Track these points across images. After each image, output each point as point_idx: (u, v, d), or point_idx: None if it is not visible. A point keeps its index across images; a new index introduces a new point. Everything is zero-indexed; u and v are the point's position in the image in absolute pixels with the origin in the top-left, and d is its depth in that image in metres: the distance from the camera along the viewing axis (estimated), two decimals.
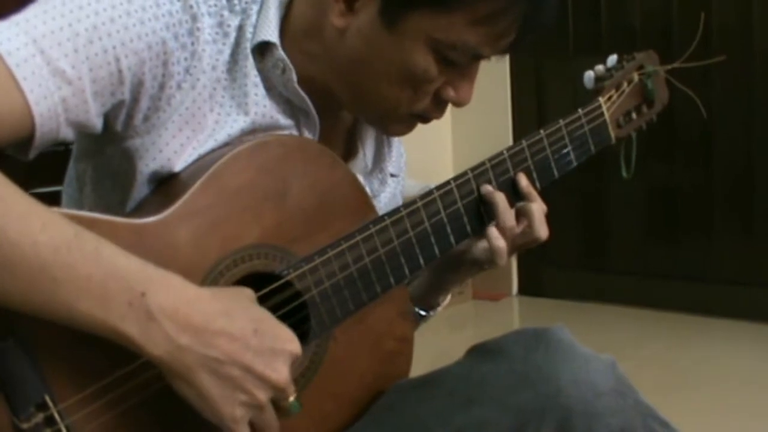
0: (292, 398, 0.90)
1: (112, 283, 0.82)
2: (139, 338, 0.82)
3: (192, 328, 0.83)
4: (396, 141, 1.18)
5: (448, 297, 1.21)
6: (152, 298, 0.82)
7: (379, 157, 1.14)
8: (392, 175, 1.17)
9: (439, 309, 1.21)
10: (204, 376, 0.84)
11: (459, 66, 1.00)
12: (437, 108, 1.04)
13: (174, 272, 0.86)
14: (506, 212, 1.07)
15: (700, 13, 2.80)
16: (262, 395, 0.87)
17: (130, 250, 0.84)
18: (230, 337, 0.85)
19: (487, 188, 1.08)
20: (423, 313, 1.19)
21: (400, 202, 1.22)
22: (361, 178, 1.11)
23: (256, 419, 0.88)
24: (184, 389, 0.85)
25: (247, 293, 0.91)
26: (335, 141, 1.11)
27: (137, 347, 0.82)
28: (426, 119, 1.05)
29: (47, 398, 0.84)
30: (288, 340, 0.89)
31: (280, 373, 0.87)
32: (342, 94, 1.04)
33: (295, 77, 1.00)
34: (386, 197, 1.17)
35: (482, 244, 1.10)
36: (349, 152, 1.13)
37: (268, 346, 0.87)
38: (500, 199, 1.07)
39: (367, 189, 1.11)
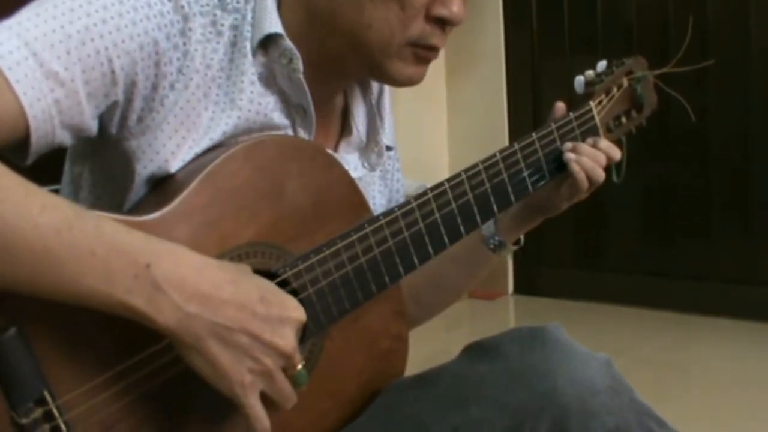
0: (299, 366, 0.91)
1: (115, 257, 0.82)
2: (147, 309, 0.82)
3: (200, 296, 0.84)
4: (387, 113, 1.19)
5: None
6: (157, 269, 0.83)
7: (372, 131, 1.15)
8: (388, 148, 1.18)
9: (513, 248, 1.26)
10: (213, 344, 0.85)
11: None
12: (434, 31, 1.02)
13: None
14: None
15: (696, 14, 2.81)
16: (270, 362, 0.88)
17: None
18: (238, 304, 0.86)
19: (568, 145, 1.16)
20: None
21: (401, 178, 1.24)
22: (357, 154, 1.13)
23: (268, 389, 0.89)
24: (194, 358, 0.86)
25: (248, 268, 0.92)
26: (331, 127, 1.12)
27: (146, 319, 0.83)
28: (429, 48, 1.03)
29: (46, 393, 0.84)
30: (294, 308, 0.90)
31: (288, 339, 0.88)
32: (342, 54, 1.03)
33: (301, 67, 1.00)
34: (383, 170, 1.19)
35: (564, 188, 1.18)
36: (344, 132, 1.14)
37: (275, 313, 0.88)
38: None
39: (365, 163, 1.13)
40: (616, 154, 1.19)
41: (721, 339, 2.95)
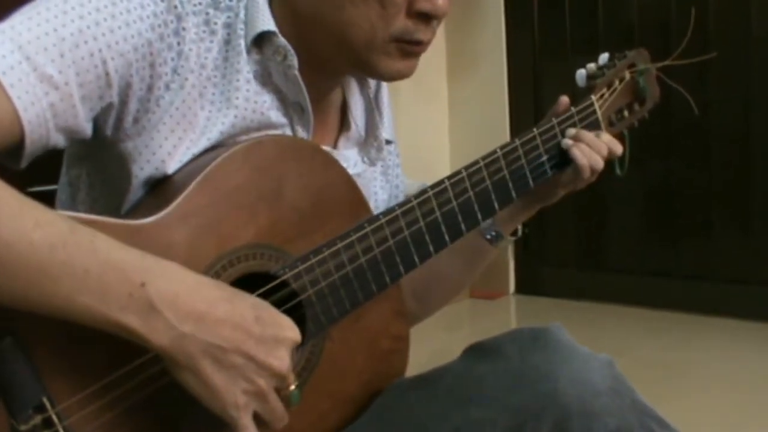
0: (293, 387, 0.90)
1: (110, 275, 0.81)
2: (141, 329, 0.82)
3: (194, 315, 0.83)
4: (386, 107, 1.18)
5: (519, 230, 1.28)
6: (152, 288, 0.82)
7: (371, 125, 1.14)
8: (388, 142, 1.18)
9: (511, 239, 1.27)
10: (207, 364, 0.84)
11: None
12: (418, 26, 1.00)
13: None
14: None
15: (697, 8, 2.80)
16: (264, 383, 0.87)
17: None
18: (233, 324, 0.85)
19: (571, 131, 1.16)
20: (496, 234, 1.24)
21: (400, 173, 1.24)
22: (356, 150, 1.12)
23: (260, 409, 0.88)
24: (188, 378, 0.85)
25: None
26: (329, 123, 1.12)
27: (140, 338, 0.82)
28: (415, 43, 1.01)
29: (45, 400, 0.83)
30: (289, 328, 0.89)
31: (282, 360, 0.88)
32: (329, 52, 1.02)
33: (296, 63, 1.00)
34: (384, 166, 1.18)
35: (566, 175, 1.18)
36: (342, 127, 1.14)
37: (270, 333, 0.87)
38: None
39: (365, 158, 1.13)
40: (618, 148, 1.19)
41: (723, 339, 2.94)
